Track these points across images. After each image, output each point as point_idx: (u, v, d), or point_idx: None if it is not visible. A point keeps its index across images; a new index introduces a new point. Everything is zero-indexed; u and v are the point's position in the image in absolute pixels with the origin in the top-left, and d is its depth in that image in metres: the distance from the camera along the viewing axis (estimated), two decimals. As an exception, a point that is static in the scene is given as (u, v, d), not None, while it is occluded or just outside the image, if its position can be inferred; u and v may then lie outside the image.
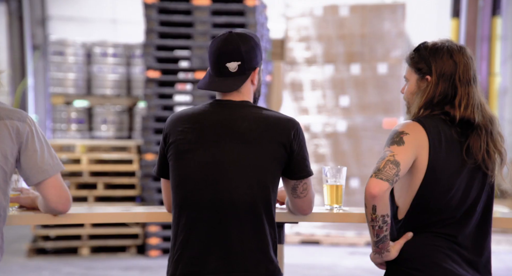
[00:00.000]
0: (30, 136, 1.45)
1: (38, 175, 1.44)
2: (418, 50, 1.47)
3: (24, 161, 1.44)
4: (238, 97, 1.44)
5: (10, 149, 1.42)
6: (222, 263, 1.37)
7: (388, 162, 1.35)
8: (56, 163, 1.47)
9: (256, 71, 1.45)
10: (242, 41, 1.43)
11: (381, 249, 1.40)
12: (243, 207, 1.39)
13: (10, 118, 1.44)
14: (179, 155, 1.42)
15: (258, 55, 1.45)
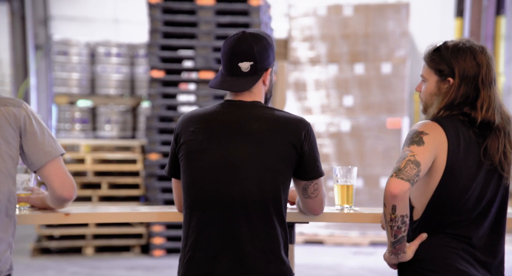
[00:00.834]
0: (27, 120, 1.44)
1: (41, 158, 1.43)
2: (438, 51, 1.44)
3: (25, 145, 1.43)
4: (249, 98, 1.45)
5: (10, 134, 1.41)
6: (234, 264, 1.37)
7: (409, 162, 1.34)
8: (57, 145, 1.46)
9: (268, 71, 1.45)
10: (255, 41, 1.43)
11: (397, 250, 1.39)
12: (254, 208, 1.39)
13: (4, 105, 1.43)
14: (190, 155, 1.42)
15: (270, 55, 1.45)
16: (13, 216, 1.43)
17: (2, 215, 1.41)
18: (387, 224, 1.37)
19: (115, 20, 7.37)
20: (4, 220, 1.42)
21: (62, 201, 1.48)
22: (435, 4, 6.50)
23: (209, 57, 4.77)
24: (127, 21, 7.16)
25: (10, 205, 1.43)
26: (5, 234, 1.42)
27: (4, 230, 1.42)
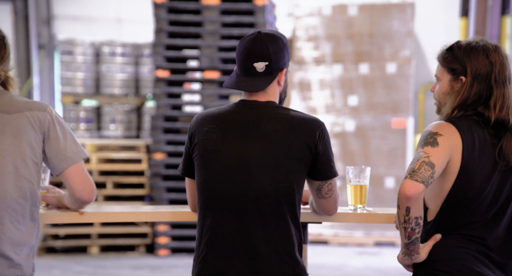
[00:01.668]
0: (51, 125, 1.45)
1: (63, 162, 1.44)
2: (451, 50, 1.44)
3: (48, 149, 1.44)
4: (263, 98, 1.44)
5: (34, 139, 1.43)
6: (248, 264, 1.37)
7: (423, 163, 1.33)
8: (79, 150, 1.47)
9: (283, 72, 1.44)
10: (270, 41, 1.43)
11: (411, 251, 1.39)
12: (268, 208, 1.39)
13: (30, 109, 1.44)
14: (205, 155, 1.42)
15: (285, 56, 1.44)
16: (37, 220, 1.45)
17: (27, 219, 1.42)
18: (401, 226, 1.37)
19: (118, 19, 7.38)
20: (29, 224, 1.42)
21: (81, 203, 1.49)
22: (439, 4, 6.49)
23: (214, 56, 4.77)
24: (130, 20, 7.16)
25: (35, 209, 1.44)
26: (29, 238, 1.43)
27: (28, 234, 1.43)
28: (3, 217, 1.40)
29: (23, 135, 1.42)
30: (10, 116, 1.41)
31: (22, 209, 1.42)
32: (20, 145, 1.41)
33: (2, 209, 1.40)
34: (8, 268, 1.39)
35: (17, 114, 1.42)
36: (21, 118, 1.42)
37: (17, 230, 1.41)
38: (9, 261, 1.39)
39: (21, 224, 1.42)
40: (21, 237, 1.41)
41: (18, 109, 1.42)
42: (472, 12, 5.65)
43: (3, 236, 1.39)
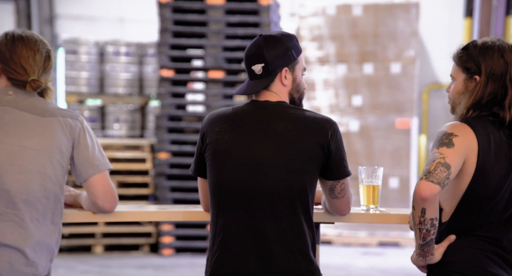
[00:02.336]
0: (82, 133, 1.48)
1: (89, 170, 1.47)
2: (466, 49, 1.44)
3: (76, 156, 1.47)
4: (274, 98, 1.45)
5: (64, 144, 1.46)
6: (262, 264, 1.37)
7: (439, 164, 1.32)
8: (105, 161, 1.50)
9: (283, 71, 1.44)
10: (266, 43, 1.43)
11: (426, 252, 1.38)
12: (281, 208, 1.39)
13: (63, 115, 1.48)
14: (217, 155, 1.42)
15: (284, 55, 1.43)
16: (58, 224, 1.46)
17: (48, 221, 1.44)
18: (415, 227, 1.36)
19: (120, 19, 7.38)
20: (49, 226, 1.44)
21: (102, 211, 1.52)
22: (444, 4, 6.48)
23: (219, 56, 4.77)
24: (132, 20, 7.17)
25: (57, 212, 1.46)
26: (48, 239, 1.44)
27: (48, 235, 1.44)
28: (24, 214, 1.41)
29: (54, 138, 1.45)
30: (44, 119, 1.45)
31: (43, 209, 1.44)
32: (50, 147, 1.44)
33: (24, 206, 1.41)
34: (25, 266, 1.40)
35: (50, 118, 1.46)
36: (53, 122, 1.46)
37: (37, 229, 1.42)
38: (26, 258, 1.40)
39: (41, 224, 1.43)
40: (41, 236, 1.42)
41: (52, 113, 1.47)
42: (476, 12, 5.64)
43: (23, 232, 1.40)
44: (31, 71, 1.47)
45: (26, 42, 1.48)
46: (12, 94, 1.47)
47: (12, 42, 1.48)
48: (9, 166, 1.41)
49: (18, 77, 1.47)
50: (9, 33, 1.50)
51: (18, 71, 1.47)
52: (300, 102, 1.49)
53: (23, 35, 1.49)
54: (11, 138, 1.43)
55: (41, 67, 1.49)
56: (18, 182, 1.41)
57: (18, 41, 1.48)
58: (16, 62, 1.47)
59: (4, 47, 1.48)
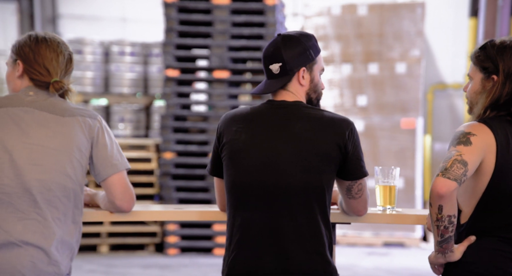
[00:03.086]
0: (100, 132, 1.49)
1: (108, 169, 1.47)
2: (484, 48, 1.43)
3: (95, 155, 1.47)
4: (290, 98, 1.44)
5: (83, 143, 1.46)
6: (279, 264, 1.37)
7: (456, 161, 1.32)
8: (124, 160, 1.51)
9: (300, 71, 1.44)
10: (284, 42, 1.43)
11: (444, 249, 1.38)
12: (298, 208, 1.39)
13: (82, 115, 1.48)
14: (234, 155, 1.42)
15: (302, 55, 1.43)
16: (79, 223, 1.47)
17: (69, 220, 1.44)
18: (433, 224, 1.35)
19: (122, 19, 7.38)
20: (70, 226, 1.45)
21: (120, 211, 1.52)
22: (449, 3, 6.48)
23: (224, 56, 4.77)
24: (135, 20, 7.17)
25: (77, 212, 1.46)
26: (70, 238, 1.44)
27: (69, 234, 1.45)
28: (46, 213, 1.42)
29: (74, 138, 1.45)
30: (63, 118, 1.46)
31: (64, 208, 1.44)
32: (70, 146, 1.45)
33: (45, 205, 1.42)
34: (48, 265, 1.40)
35: (69, 118, 1.46)
36: (73, 122, 1.46)
37: (59, 228, 1.43)
38: (48, 257, 1.40)
39: (63, 223, 1.44)
40: (62, 235, 1.43)
41: (71, 113, 1.47)
42: (481, 12, 5.63)
43: (45, 231, 1.41)
44: (54, 73, 1.48)
45: (50, 44, 1.49)
46: (33, 95, 1.48)
47: (36, 44, 1.49)
48: (31, 166, 1.42)
49: (41, 78, 1.48)
50: (32, 35, 1.50)
51: (41, 73, 1.48)
52: (318, 102, 1.48)
53: (47, 37, 1.50)
54: (32, 138, 1.44)
55: (63, 69, 1.50)
56: (39, 182, 1.42)
57: (42, 43, 1.49)
58: (39, 63, 1.48)
59: (27, 49, 1.49)
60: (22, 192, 1.41)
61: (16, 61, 1.50)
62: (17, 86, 1.51)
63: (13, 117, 1.44)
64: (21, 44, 1.50)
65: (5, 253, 1.38)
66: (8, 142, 1.43)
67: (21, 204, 1.41)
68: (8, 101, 1.47)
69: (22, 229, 1.39)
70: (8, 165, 1.41)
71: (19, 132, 1.44)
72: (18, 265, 1.38)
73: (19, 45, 1.50)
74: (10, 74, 1.52)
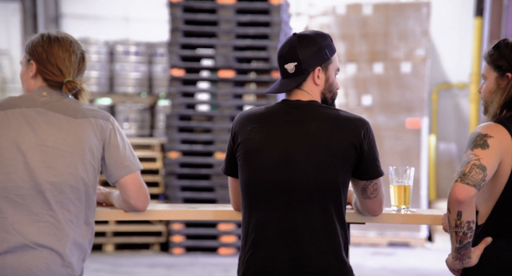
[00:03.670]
0: (112, 134, 1.48)
1: (120, 170, 1.47)
2: (498, 48, 1.43)
3: (107, 157, 1.47)
4: (305, 97, 1.44)
5: (95, 145, 1.46)
6: (294, 263, 1.37)
7: (474, 166, 1.31)
8: (136, 161, 1.51)
9: (316, 71, 1.44)
10: (300, 41, 1.43)
11: (462, 255, 1.37)
12: (313, 208, 1.38)
13: (94, 116, 1.48)
14: (248, 155, 1.42)
15: (318, 55, 1.43)
16: (91, 224, 1.47)
17: (81, 222, 1.45)
18: (451, 230, 1.35)
19: (125, 18, 7.39)
20: (82, 227, 1.45)
21: (134, 210, 1.52)
22: (454, 3, 6.47)
23: (229, 56, 4.77)
24: (137, 19, 7.17)
25: (90, 213, 1.46)
26: (82, 240, 1.45)
27: (82, 236, 1.45)
28: (59, 215, 1.42)
29: (86, 139, 1.45)
30: (76, 120, 1.46)
31: (77, 210, 1.44)
32: (82, 148, 1.45)
33: (58, 207, 1.42)
34: (61, 267, 1.41)
35: (82, 119, 1.46)
36: (85, 123, 1.46)
37: (72, 230, 1.43)
38: (62, 259, 1.41)
39: (75, 225, 1.44)
40: (76, 237, 1.43)
41: (83, 115, 1.47)
42: (487, 11, 5.62)
43: (59, 233, 1.41)
44: (67, 73, 1.48)
45: (62, 43, 1.49)
46: (46, 96, 1.48)
47: (49, 44, 1.48)
48: (44, 168, 1.42)
49: (54, 78, 1.48)
50: (45, 35, 1.50)
51: (54, 73, 1.47)
52: (333, 102, 1.48)
53: (59, 37, 1.50)
54: (45, 139, 1.44)
55: (76, 68, 1.50)
56: (52, 184, 1.42)
57: (55, 43, 1.48)
58: (52, 63, 1.47)
59: (40, 49, 1.48)
60: (35, 194, 1.41)
61: (30, 61, 1.50)
62: (31, 86, 1.51)
63: (27, 118, 1.45)
64: (34, 44, 1.49)
65: (20, 256, 1.38)
66: (22, 143, 1.43)
67: (34, 206, 1.41)
68: (22, 101, 1.47)
69: (36, 232, 1.39)
70: (22, 167, 1.41)
71: (32, 133, 1.44)
72: (33, 268, 1.38)
73: (32, 45, 1.50)
74: (24, 74, 1.52)
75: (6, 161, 1.41)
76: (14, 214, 1.40)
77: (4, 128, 1.43)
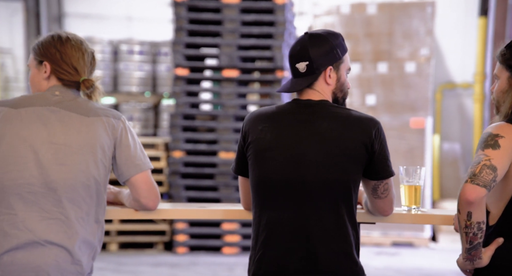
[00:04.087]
0: (124, 133, 1.49)
1: (131, 169, 1.48)
2: (510, 47, 1.43)
3: (118, 156, 1.48)
4: (316, 97, 1.44)
5: (106, 143, 1.47)
6: (306, 263, 1.37)
7: (484, 167, 1.31)
8: (147, 160, 1.51)
9: (327, 70, 1.43)
10: (311, 41, 1.43)
11: (473, 256, 1.37)
12: (324, 207, 1.38)
13: (106, 115, 1.49)
14: (259, 154, 1.42)
15: (329, 54, 1.42)
16: (101, 222, 1.47)
17: (91, 220, 1.45)
18: (461, 230, 1.34)
19: (128, 17, 7.39)
20: (93, 225, 1.45)
21: (144, 209, 1.53)
22: (458, 3, 6.45)
23: (234, 55, 4.77)
24: (140, 18, 7.18)
25: (100, 211, 1.47)
26: (92, 238, 1.45)
27: (92, 234, 1.45)
28: (70, 213, 1.42)
29: (97, 138, 1.46)
30: (88, 118, 1.46)
31: (87, 208, 1.45)
32: (94, 146, 1.45)
33: (69, 205, 1.43)
34: (71, 264, 1.41)
35: (94, 118, 1.47)
36: (97, 122, 1.46)
37: (82, 228, 1.43)
38: (71, 256, 1.41)
39: (86, 223, 1.44)
40: (86, 235, 1.44)
41: (95, 113, 1.48)
42: (491, 11, 5.61)
43: (69, 231, 1.41)
44: (82, 71, 1.49)
45: (74, 43, 1.50)
46: (59, 95, 1.48)
47: (61, 44, 1.49)
48: (56, 166, 1.42)
49: (70, 78, 1.48)
50: (55, 35, 1.51)
51: (70, 72, 1.48)
52: (344, 101, 1.47)
53: (70, 36, 1.51)
54: (58, 138, 1.44)
55: (89, 66, 1.51)
56: (64, 181, 1.42)
57: (67, 43, 1.49)
58: (67, 63, 1.48)
59: (53, 49, 1.49)
60: (46, 191, 1.41)
61: (43, 63, 1.50)
62: (43, 88, 1.51)
63: (40, 116, 1.45)
64: (45, 45, 1.50)
65: (30, 252, 1.38)
66: (35, 141, 1.43)
67: (45, 203, 1.41)
68: (36, 100, 1.48)
69: (46, 229, 1.40)
70: (34, 164, 1.42)
71: (45, 132, 1.44)
72: (42, 264, 1.38)
73: (44, 46, 1.50)
74: (36, 76, 1.52)
75: (19, 159, 1.42)
76: (25, 211, 1.40)
77: (17, 126, 1.44)
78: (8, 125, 1.43)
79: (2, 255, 1.38)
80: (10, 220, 1.39)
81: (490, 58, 5.73)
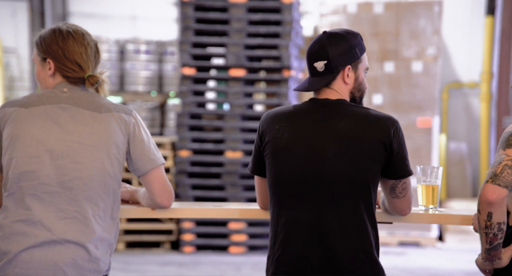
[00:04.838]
0: (136, 128, 1.48)
1: (146, 164, 1.46)
2: None
3: (133, 151, 1.47)
4: (334, 96, 1.43)
5: (120, 139, 1.46)
6: (325, 262, 1.36)
7: (506, 167, 1.30)
8: (160, 155, 1.50)
9: (345, 69, 1.43)
10: (330, 40, 1.42)
11: (493, 256, 1.36)
12: (344, 206, 1.38)
13: (117, 111, 1.47)
14: (276, 154, 1.41)
15: (348, 53, 1.42)
16: (116, 219, 1.47)
17: (108, 217, 1.45)
18: (481, 231, 1.34)
19: (132, 16, 7.40)
20: (108, 222, 1.45)
21: (160, 207, 1.52)
22: (465, 1, 6.43)
23: (240, 54, 4.76)
24: (144, 18, 7.18)
25: (116, 208, 1.46)
26: (108, 235, 1.45)
27: (108, 231, 1.45)
28: (87, 211, 1.42)
29: (111, 134, 1.45)
30: (100, 115, 1.45)
31: (104, 205, 1.44)
32: (108, 142, 1.44)
33: (86, 203, 1.42)
34: (88, 262, 1.41)
35: (106, 113, 1.45)
36: (109, 117, 1.45)
37: (98, 225, 1.43)
38: (89, 254, 1.41)
39: (102, 220, 1.44)
40: (102, 232, 1.43)
41: (107, 109, 1.46)
42: (498, 10, 5.59)
43: (86, 229, 1.41)
44: (86, 67, 1.46)
45: (76, 37, 1.46)
46: (68, 91, 1.47)
47: (63, 40, 1.45)
48: (71, 164, 1.42)
49: (75, 75, 1.46)
50: (56, 30, 1.46)
51: (74, 69, 1.46)
52: (361, 100, 1.47)
53: (71, 30, 1.46)
54: (71, 135, 1.43)
55: (93, 61, 1.47)
56: (80, 180, 1.42)
57: (68, 38, 1.45)
58: (70, 60, 1.45)
59: (56, 46, 1.45)
60: (62, 190, 1.41)
61: (46, 60, 1.48)
62: (49, 84, 1.49)
63: (52, 115, 1.44)
64: (47, 42, 1.46)
65: (47, 250, 1.39)
66: (48, 140, 1.42)
67: (61, 202, 1.41)
68: (46, 98, 1.46)
69: (63, 228, 1.40)
70: (49, 164, 1.41)
71: (58, 130, 1.43)
72: (60, 262, 1.39)
73: (46, 43, 1.46)
74: (41, 73, 1.49)
75: (33, 159, 1.41)
76: (42, 211, 1.40)
77: (29, 126, 1.43)
78: (21, 126, 1.43)
79: (20, 253, 1.38)
80: (28, 221, 1.39)
81: (497, 58, 5.71)
